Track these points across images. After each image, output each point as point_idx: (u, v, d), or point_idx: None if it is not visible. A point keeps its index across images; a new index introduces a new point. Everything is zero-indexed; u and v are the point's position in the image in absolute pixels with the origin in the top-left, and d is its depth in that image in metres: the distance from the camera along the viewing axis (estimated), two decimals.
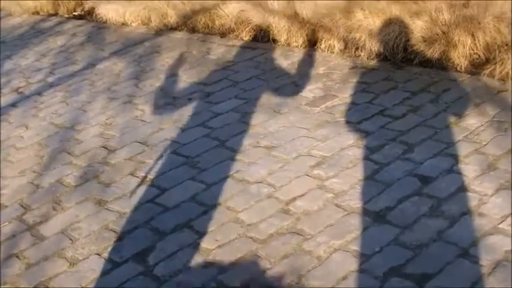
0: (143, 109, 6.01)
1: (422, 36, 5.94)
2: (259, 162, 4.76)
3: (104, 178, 4.94)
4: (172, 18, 8.24)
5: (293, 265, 3.66)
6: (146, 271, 3.83)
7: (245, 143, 5.04)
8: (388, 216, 3.92)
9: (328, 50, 6.54)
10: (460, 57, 5.65)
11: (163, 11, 8.34)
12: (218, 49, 7.21)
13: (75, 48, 8.33)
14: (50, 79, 7.36)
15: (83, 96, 6.64)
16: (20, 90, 7.21)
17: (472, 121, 4.80)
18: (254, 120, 5.39)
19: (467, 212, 3.84)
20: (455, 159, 4.38)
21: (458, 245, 3.59)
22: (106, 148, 5.40)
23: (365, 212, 4.00)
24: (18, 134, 6.03)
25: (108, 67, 7.37)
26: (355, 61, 6.19)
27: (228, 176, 4.64)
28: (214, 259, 3.81)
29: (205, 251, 3.90)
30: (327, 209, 4.09)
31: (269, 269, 3.66)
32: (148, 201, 4.52)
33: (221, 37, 7.56)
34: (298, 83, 5.94)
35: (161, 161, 5.00)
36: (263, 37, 7.18)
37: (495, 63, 5.41)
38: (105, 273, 3.89)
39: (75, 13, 9.92)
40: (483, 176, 4.15)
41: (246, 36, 7.35)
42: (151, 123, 5.68)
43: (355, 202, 4.11)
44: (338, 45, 6.49)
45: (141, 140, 5.40)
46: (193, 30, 7.97)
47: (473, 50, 5.66)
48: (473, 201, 3.93)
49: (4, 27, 10.12)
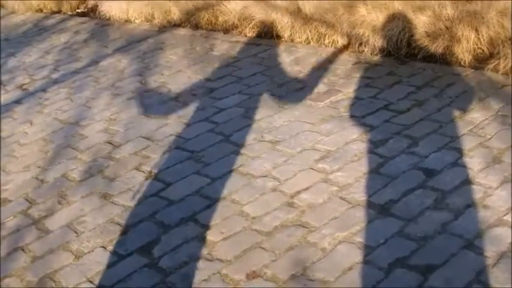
0: None
1: (425, 31, 5.94)
2: (263, 156, 4.76)
3: (109, 173, 4.95)
4: (175, 14, 8.25)
5: (298, 257, 3.67)
6: (151, 263, 3.84)
7: (249, 138, 5.04)
8: (393, 208, 3.93)
9: (331, 46, 6.54)
10: (464, 52, 5.66)
11: (166, 8, 8.35)
12: (221, 45, 7.22)
13: (78, 45, 8.34)
14: (54, 76, 7.37)
15: (87, 92, 6.65)
16: (24, 87, 7.22)
17: (477, 115, 4.80)
18: (258, 115, 5.39)
19: (471, 205, 3.84)
20: (459, 152, 4.38)
21: (463, 237, 3.60)
22: (111, 143, 5.41)
23: (370, 205, 4.00)
24: (22, 130, 6.04)
25: (112, 64, 7.38)
26: (358, 56, 6.20)
27: (233, 170, 4.65)
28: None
29: (210, 244, 3.90)
30: (332, 202, 4.09)
31: (274, 261, 3.67)
32: (152, 195, 4.53)
33: (224, 33, 7.57)
34: (301, 79, 5.94)
35: (166, 156, 5.00)
36: (266, 33, 7.18)
37: (499, 57, 5.41)
38: (110, 265, 3.90)
39: (78, 10, 9.94)
40: (488, 169, 4.15)
41: (250, 32, 7.36)
42: (155, 118, 5.68)
43: (359, 195, 4.11)
44: (341, 40, 6.50)
45: (146, 135, 5.41)
46: (196, 26, 7.97)
47: (477, 45, 5.66)
48: (478, 193, 3.93)
49: (8, 24, 10.15)
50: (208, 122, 5.42)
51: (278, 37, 7.01)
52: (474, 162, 4.25)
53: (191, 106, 5.79)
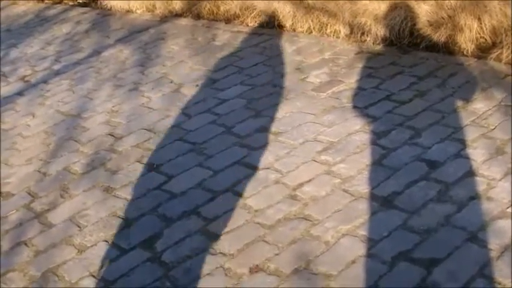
0: (149, 96, 6.00)
1: (428, 20, 5.92)
2: (266, 148, 4.75)
3: (111, 165, 4.94)
4: (177, 4, 8.22)
5: (301, 250, 3.66)
6: (154, 257, 3.83)
7: (251, 129, 5.03)
8: (396, 201, 3.92)
9: (333, 35, 6.51)
10: (467, 41, 5.63)
11: None
12: (223, 35, 7.19)
13: (80, 35, 8.31)
14: (56, 67, 7.35)
15: (89, 83, 6.63)
16: (26, 78, 7.20)
17: (480, 105, 4.79)
18: (260, 106, 5.37)
19: (475, 197, 3.83)
20: (462, 143, 4.37)
21: (466, 230, 3.59)
22: (113, 135, 5.40)
23: (373, 197, 3.99)
24: (24, 123, 6.02)
25: (113, 54, 7.36)
26: (361, 46, 6.17)
27: (235, 162, 4.64)
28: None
29: (212, 238, 3.90)
30: (335, 195, 4.09)
31: (277, 255, 3.66)
32: (155, 188, 4.52)
33: (226, 23, 7.54)
34: (304, 69, 5.92)
35: (168, 148, 4.99)
36: (268, 23, 7.15)
37: (502, 47, 5.39)
38: (112, 260, 3.90)
39: (79, 0, 9.89)
40: (491, 161, 4.14)
41: (251, 22, 7.33)
42: (158, 110, 5.67)
43: (362, 187, 4.10)
44: (344, 30, 6.46)
45: (148, 127, 5.40)
46: (198, 16, 7.94)
47: (479, 34, 5.64)
48: (481, 185, 3.92)
49: (9, 15, 10.11)
50: (210, 114, 5.41)
51: (280, 27, 6.98)
52: (477, 153, 4.24)
53: (193, 97, 5.77)
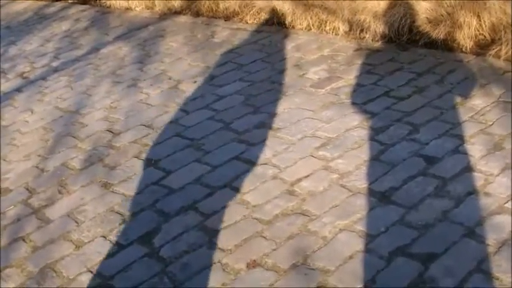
0: (148, 92, 6.00)
1: (427, 17, 5.92)
2: (264, 143, 4.75)
3: (109, 161, 4.93)
4: (176, 2, 8.22)
5: (299, 246, 3.66)
6: (151, 253, 3.83)
7: (250, 125, 5.03)
8: (394, 196, 3.92)
9: (332, 32, 6.51)
10: (466, 38, 5.63)
11: None
12: (222, 32, 7.19)
13: (79, 33, 8.32)
14: (55, 64, 7.36)
15: (88, 80, 6.63)
16: (25, 75, 7.20)
17: (478, 102, 4.78)
18: (259, 102, 5.37)
19: (472, 192, 3.83)
20: (460, 139, 4.36)
21: (464, 225, 3.58)
22: (111, 131, 5.39)
23: (370, 193, 3.99)
24: (23, 119, 6.02)
25: (112, 51, 7.36)
26: (359, 43, 6.17)
27: (233, 158, 4.63)
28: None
29: (210, 233, 3.89)
30: (332, 190, 4.08)
31: (274, 250, 3.66)
32: (153, 183, 4.51)
33: (225, 20, 7.54)
34: (302, 65, 5.91)
35: (166, 144, 4.99)
36: (267, 20, 7.15)
37: (501, 43, 5.39)
38: (110, 255, 3.89)
39: None
40: (489, 156, 4.13)
41: (251, 19, 7.33)
42: (156, 106, 5.67)
43: (360, 182, 4.10)
44: (343, 27, 6.46)
45: (146, 123, 5.39)
46: (197, 14, 7.94)
47: (478, 31, 5.64)
48: (478, 181, 3.92)
49: (9, 12, 10.12)
50: (208, 110, 5.41)
51: (279, 24, 6.98)
52: (475, 149, 4.23)
53: (191, 93, 5.76)
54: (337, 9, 6.51)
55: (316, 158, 4.45)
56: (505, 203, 3.69)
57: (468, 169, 4.05)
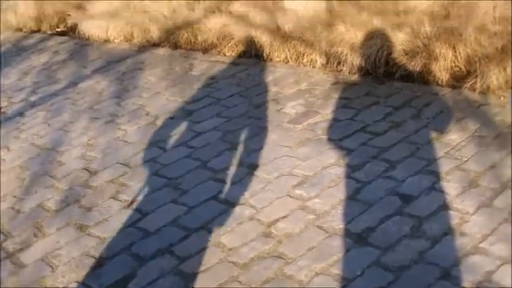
0: (125, 129, 5.98)
1: (403, 49, 5.94)
2: (240, 182, 4.73)
3: (85, 202, 4.91)
4: (154, 33, 8.21)
5: None
6: None
7: (227, 163, 5.01)
8: (370, 237, 3.91)
9: (310, 65, 6.52)
10: (442, 70, 5.65)
11: (145, 27, 8.32)
12: (201, 65, 7.19)
13: (57, 66, 8.30)
14: (32, 98, 7.33)
15: (65, 116, 6.60)
16: (2, 110, 7.16)
17: (454, 136, 4.79)
18: (236, 138, 5.36)
19: (448, 232, 3.82)
20: (436, 176, 4.36)
21: (439, 266, 3.58)
22: (88, 170, 5.36)
23: (347, 234, 3.98)
24: None
25: (90, 85, 7.34)
26: (337, 76, 6.17)
27: (210, 198, 4.61)
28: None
29: (186, 277, 3.86)
30: (309, 231, 4.07)
31: None
32: (129, 225, 4.49)
33: (204, 53, 7.54)
34: (280, 100, 5.91)
35: (143, 184, 4.96)
36: (245, 52, 7.16)
37: (476, 76, 5.40)
38: None
39: (58, 29, 9.89)
40: (464, 194, 4.13)
41: (229, 51, 7.34)
42: (133, 143, 5.65)
43: (336, 223, 4.09)
44: (320, 59, 6.46)
45: (123, 162, 5.37)
46: (175, 45, 7.94)
47: (454, 63, 5.66)
48: (454, 219, 3.92)
49: None
50: (186, 147, 5.39)
51: (257, 56, 6.99)
52: (451, 186, 4.23)
53: (168, 130, 5.75)
54: (314, 41, 6.52)
55: (292, 198, 4.44)
56: (480, 243, 3.69)
57: (444, 207, 4.04)
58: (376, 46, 6.10)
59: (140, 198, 4.78)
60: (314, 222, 4.15)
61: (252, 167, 4.90)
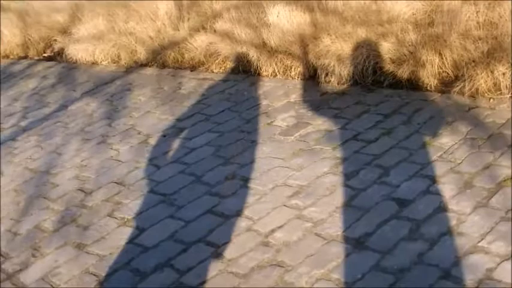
0: (118, 148, 5.99)
1: (390, 57, 5.98)
2: (236, 195, 4.75)
3: (82, 221, 4.91)
4: (141, 54, 8.24)
5: None
6: None
7: (221, 177, 5.03)
8: (368, 242, 3.93)
9: (298, 78, 6.56)
10: (429, 76, 5.69)
11: (132, 48, 8.35)
12: (189, 83, 7.22)
13: (46, 90, 8.30)
14: (23, 123, 7.33)
15: (57, 139, 6.61)
16: None
17: (446, 140, 4.82)
18: (228, 153, 5.38)
19: (446, 233, 3.84)
20: (431, 179, 4.39)
21: (439, 267, 3.60)
22: (82, 191, 5.37)
23: (345, 239, 4.00)
24: None
25: (80, 108, 7.35)
26: (325, 87, 6.21)
27: (206, 212, 4.62)
28: None
29: None
30: (307, 239, 4.08)
31: None
32: (127, 242, 4.49)
33: (191, 71, 7.57)
34: (270, 113, 5.94)
35: (138, 201, 4.97)
36: (233, 68, 7.20)
37: (464, 80, 5.44)
38: None
39: (45, 55, 9.91)
40: (460, 195, 4.16)
41: (216, 68, 7.37)
42: (126, 162, 5.66)
43: (334, 230, 4.11)
44: (308, 72, 6.51)
45: (117, 180, 5.38)
46: (163, 65, 7.97)
47: (441, 69, 5.70)
48: (451, 221, 3.94)
49: None
50: (179, 163, 5.41)
51: (245, 71, 7.02)
52: (446, 188, 4.26)
53: (161, 148, 5.77)
54: (301, 54, 6.56)
55: (288, 208, 4.46)
56: (479, 242, 3.71)
57: (440, 209, 4.07)
58: (362, 56, 6.14)
59: (137, 215, 4.79)
60: (311, 230, 4.16)
61: (246, 180, 4.92)
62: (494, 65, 5.36)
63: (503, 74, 5.30)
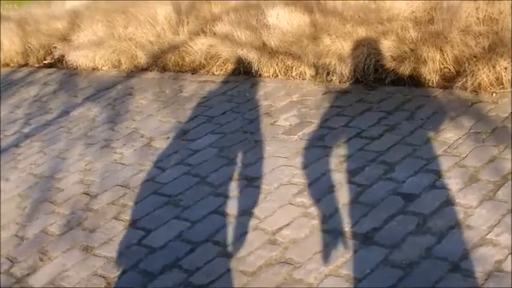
0: (121, 152, 6.00)
1: (391, 55, 5.99)
2: (241, 195, 4.76)
3: (88, 224, 4.91)
4: (142, 59, 8.26)
5: None
6: None
7: (225, 177, 5.03)
8: (376, 237, 3.93)
9: (299, 77, 6.57)
10: (431, 72, 5.70)
11: (132, 53, 8.37)
12: (190, 86, 7.23)
13: (48, 97, 8.32)
14: (26, 130, 7.33)
15: (60, 144, 6.62)
16: None
17: (450, 135, 4.83)
18: (232, 153, 5.39)
19: (454, 226, 3.85)
20: (436, 174, 4.40)
21: (448, 260, 3.60)
22: (88, 194, 5.38)
23: (352, 235, 4.00)
24: None
25: (82, 113, 7.36)
26: (327, 86, 6.22)
27: (212, 212, 4.63)
28: None
29: None
30: (314, 236, 4.09)
31: None
32: (134, 244, 4.49)
33: (192, 74, 7.59)
34: (272, 113, 5.95)
35: (144, 203, 4.98)
36: (234, 70, 7.21)
37: (466, 75, 5.45)
38: None
39: (45, 62, 9.93)
40: (466, 189, 4.17)
41: (217, 70, 7.39)
42: (130, 165, 5.67)
43: (341, 226, 4.11)
44: (309, 71, 6.53)
45: (122, 183, 5.38)
46: (164, 69, 7.99)
47: (443, 65, 5.71)
48: (458, 214, 3.95)
49: None
50: (183, 165, 5.41)
51: (246, 73, 7.04)
52: (452, 182, 4.27)
53: (165, 150, 5.77)
54: (301, 54, 6.57)
55: (294, 205, 4.46)
56: (487, 235, 3.71)
57: (447, 203, 4.07)
58: (363, 54, 6.15)
59: (143, 216, 4.79)
60: (318, 227, 4.17)
61: (251, 180, 4.92)
62: (495, 60, 5.38)
63: (505, 69, 5.32)
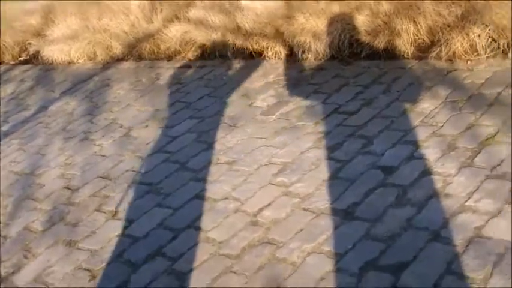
0: (101, 144, 5.97)
1: (365, 29, 5.99)
2: (221, 178, 4.74)
3: (71, 218, 4.88)
4: (117, 49, 8.21)
5: (270, 275, 3.64)
6: None
7: (205, 162, 5.02)
8: (356, 212, 3.93)
9: (275, 57, 6.55)
10: (406, 44, 5.70)
11: (107, 44, 8.32)
12: (167, 73, 7.20)
13: (25, 93, 8.26)
14: (4, 128, 7.27)
15: (39, 140, 6.57)
16: None
17: (426, 105, 4.83)
18: (211, 137, 5.37)
19: (433, 196, 3.85)
20: (414, 145, 4.40)
21: (429, 229, 3.60)
22: (69, 188, 5.35)
23: (333, 212, 4.00)
24: None
25: (60, 107, 7.32)
26: (303, 64, 6.21)
27: (193, 198, 4.61)
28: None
29: (180, 276, 3.86)
30: (295, 215, 4.08)
31: (246, 283, 3.64)
32: (117, 235, 4.47)
33: (168, 61, 7.56)
34: (250, 95, 5.93)
35: (125, 193, 4.96)
36: (210, 54, 7.19)
37: (440, 45, 5.45)
38: None
39: (20, 59, 9.86)
40: (444, 158, 4.17)
41: (193, 56, 7.36)
42: (110, 156, 5.64)
43: (322, 203, 4.10)
44: (284, 51, 6.50)
45: (103, 175, 5.36)
46: (139, 58, 7.95)
47: (417, 36, 5.71)
48: (437, 183, 3.95)
49: None
50: (163, 152, 5.39)
51: (221, 57, 7.02)
52: (430, 152, 4.27)
53: (144, 138, 5.75)
54: (276, 34, 6.55)
55: (275, 185, 4.45)
56: (466, 202, 3.72)
57: (426, 173, 4.08)
58: (337, 30, 6.14)
59: (125, 206, 4.77)
60: (299, 205, 4.16)
61: (231, 163, 4.91)
62: (469, 28, 5.38)
63: (478, 36, 5.32)
